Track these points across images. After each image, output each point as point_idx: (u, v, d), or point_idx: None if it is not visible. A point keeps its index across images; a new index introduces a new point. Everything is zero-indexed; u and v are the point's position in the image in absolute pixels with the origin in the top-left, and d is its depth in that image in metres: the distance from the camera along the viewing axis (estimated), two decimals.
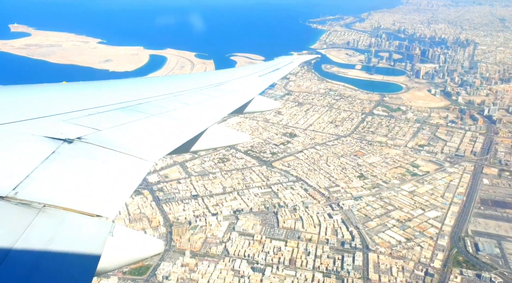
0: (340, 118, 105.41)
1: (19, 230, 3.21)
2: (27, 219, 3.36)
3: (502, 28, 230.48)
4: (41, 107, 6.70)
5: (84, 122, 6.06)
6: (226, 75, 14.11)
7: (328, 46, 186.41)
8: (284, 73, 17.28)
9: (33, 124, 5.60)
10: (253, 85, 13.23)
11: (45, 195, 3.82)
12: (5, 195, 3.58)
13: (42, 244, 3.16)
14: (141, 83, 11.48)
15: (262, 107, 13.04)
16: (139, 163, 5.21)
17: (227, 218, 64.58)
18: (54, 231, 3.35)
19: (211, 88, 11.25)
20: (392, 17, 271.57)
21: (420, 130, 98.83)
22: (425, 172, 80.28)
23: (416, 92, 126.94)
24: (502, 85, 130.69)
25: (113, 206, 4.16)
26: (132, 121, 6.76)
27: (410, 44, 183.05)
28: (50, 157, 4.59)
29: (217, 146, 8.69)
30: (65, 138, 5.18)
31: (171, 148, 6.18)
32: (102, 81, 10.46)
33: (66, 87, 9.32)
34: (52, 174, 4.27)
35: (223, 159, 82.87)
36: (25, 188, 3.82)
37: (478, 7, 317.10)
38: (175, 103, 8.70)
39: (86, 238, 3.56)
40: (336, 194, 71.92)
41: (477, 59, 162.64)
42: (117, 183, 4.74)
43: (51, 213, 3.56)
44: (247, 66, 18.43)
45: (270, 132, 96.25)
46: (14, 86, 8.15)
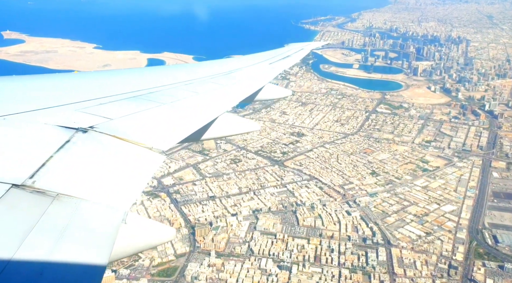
0: (345, 117, 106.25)
1: (35, 217, 3.26)
2: (42, 207, 3.41)
3: (491, 25, 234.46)
4: (53, 96, 6.74)
5: (96, 111, 6.08)
6: (236, 63, 14.02)
7: (323, 47, 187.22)
8: (295, 61, 17.15)
9: (46, 114, 5.61)
10: (264, 73, 13.20)
11: (62, 185, 3.86)
12: (21, 183, 3.63)
13: (57, 231, 3.22)
14: (152, 72, 11.39)
15: (273, 95, 13.02)
16: (152, 152, 5.26)
17: (247, 218, 64.68)
18: (69, 219, 3.41)
19: (222, 77, 11.25)
20: (383, 17, 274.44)
21: (424, 127, 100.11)
22: (435, 167, 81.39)
23: (416, 89, 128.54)
24: (499, 80, 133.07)
25: (129, 196, 4.23)
26: (143, 110, 6.79)
27: (404, 43, 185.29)
28: (65, 146, 4.62)
29: (228, 134, 8.73)
30: (78, 127, 5.20)
31: (182, 136, 6.23)
32: (113, 71, 10.52)
33: (77, 76, 9.33)
34: (68, 164, 4.31)
35: (235, 159, 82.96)
36: (42, 177, 3.85)
37: (464, 5, 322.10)
38: (186, 92, 8.70)
39: (100, 225, 3.61)
40: (351, 191, 72.50)
41: (471, 56, 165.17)
42: (132, 172, 4.81)
43: (66, 201, 3.62)
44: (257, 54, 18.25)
45: (278, 132, 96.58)
46: (26, 76, 8.21)
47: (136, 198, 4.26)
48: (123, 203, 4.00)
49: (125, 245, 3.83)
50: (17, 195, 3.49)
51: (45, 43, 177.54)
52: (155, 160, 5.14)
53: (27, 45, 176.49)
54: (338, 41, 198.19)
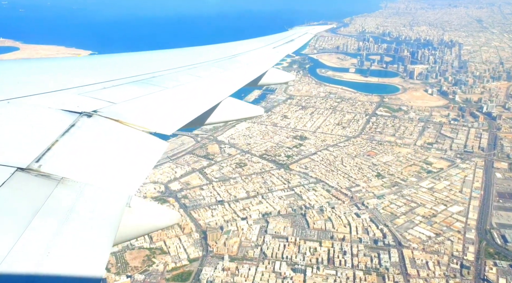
0: (345, 120, 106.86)
1: (40, 200, 3.29)
2: (47, 191, 3.44)
3: (481, 28, 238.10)
4: (56, 80, 6.71)
5: (99, 95, 6.06)
6: (240, 47, 13.96)
7: (318, 51, 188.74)
8: (299, 45, 17.17)
9: (50, 98, 5.61)
10: (267, 57, 13.16)
11: (67, 169, 3.86)
12: (26, 167, 3.62)
13: (62, 214, 3.25)
14: (156, 56, 11.35)
15: (277, 80, 12.90)
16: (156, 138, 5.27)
17: (257, 222, 64.55)
18: (74, 202, 3.44)
19: (225, 61, 11.19)
20: (375, 21, 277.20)
21: (425, 129, 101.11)
22: (439, 168, 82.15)
23: (413, 92, 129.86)
24: (494, 83, 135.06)
25: (133, 180, 4.25)
26: (147, 94, 6.76)
27: (398, 47, 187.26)
28: (70, 130, 4.62)
29: (231, 119, 8.69)
30: (81, 111, 5.19)
31: (186, 120, 6.20)
32: (116, 55, 10.41)
33: (80, 60, 9.36)
34: (73, 148, 4.32)
35: (240, 163, 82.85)
36: (48, 160, 3.84)
37: (454, 9, 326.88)
38: (190, 76, 8.66)
39: (104, 209, 3.64)
40: (358, 193, 72.80)
41: (465, 59, 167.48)
42: (137, 157, 4.83)
43: (70, 185, 3.64)
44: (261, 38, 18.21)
45: (281, 136, 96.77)
46: (29, 60, 8.33)
47: (141, 182, 4.27)
48: (128, 187, 4.03)
49: (129, 228, 3.85)
50: (22, 179, 3.48)
51: (40, 51, 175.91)
52: (159, 144, 5.14)
53: (22, 53, 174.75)
54: (332, 46, 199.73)
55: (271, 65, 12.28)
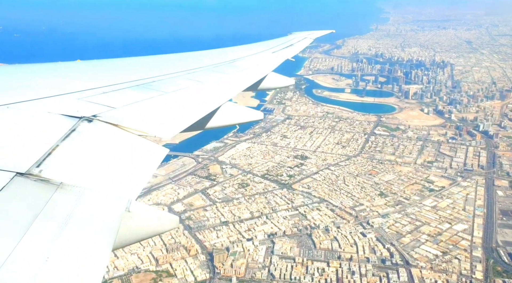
0: (345, 139, 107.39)
1: (39, 205, 3.28)
2: (46, 195, 3.43)
3: (471, 49, 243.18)
4: (56, 85, 6.73)
5: (99, 100, 6.07)
6: (239, 52, 14.00)
7: (313, 72, 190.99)
8: (298, 49, 17.29)
9: (49, 102, 5.62)
10: (267, 62, 13.22)
11: (67, 173, 3.86)
12: (25, 172, 3.61)
13: (61, 218, 3.24)
14: (155, 61, 11.39)
15: (276, 84, 12.93)
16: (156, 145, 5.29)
17: (263, 243, 63.89)
18: (73, 207, 3.43)
19: (225, 65, 11.25)
20: (366, 43, 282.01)
21: (424, 148, 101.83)
22: (441, 187, 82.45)
23: (409, 112, 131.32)
24: (488, 102, 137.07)
25: (133, 184, 4.24)
26: (147, 99, 6.77)
27: (392, 67, 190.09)
28: (71, 135, 4.61)
29: (231, 123, 8.63)
30: (81, 116, 5.18)
31: (186, 124, 6.23)
32: (115, 59, 10.44)
33: (80, 65, 9.38)
34: (74, 153, 4.31)
35: (243, 184, 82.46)
36: (49, 165, 3.83)
37: (443, 31, 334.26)
38: (189, 81, 8.68)
39: (103, 213, 3.63)
40: (362, 212, 72.61)
41: (457, 79, 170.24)
42: (137, 162, 4.83)
43: (70, 190, 3.62)
44: (260, 42, 18.35)
45: (281, 155, 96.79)
46: (28, 65, 8.27)
47: (141, 187, 4.25)
48: (128, 192, 4.02)
49: (129, 232, 3.83)
50: (21, 184, 3.46)
51: None
52: (159, 150, 5.15)
53: None
54: (327, 67, 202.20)
55: (271, 69, 12.36)
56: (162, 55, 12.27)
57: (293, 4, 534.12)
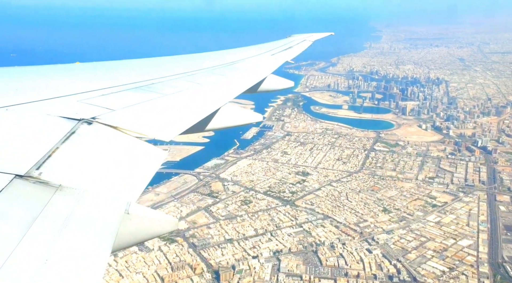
0: (345, 155, 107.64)
1: (38, 208, 3.28)
2: (45, 198, 3.43)
3: (464, 67, 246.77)
4: (55, 87, 6.71)
5: (98, 102, 6.08)
6: (238, 54, 14.05)
7: (310, 89, 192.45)
8: (298, 52, 17.36)
9: (48, 104, 5.61)
10: (266, 64, 13.32)
11: (67, 176, 3.86)
12: (24, 174, 3.61)
13: (60, 220, 3.24)
14: (154, 63, 11.43)
15: (276, 86, 12.94)
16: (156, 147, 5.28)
17: (268, 260, 63.20)
18: (72, 209, 3.43)
19: (224, 68, 11.28)
20: (361, 61, 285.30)
21: (424, 164, 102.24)
22: (443, 202, 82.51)
23: (407, 128, 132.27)
24: (484, 118, 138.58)
25: (132, 186, 4.24)
26: (146, 101, 6.77)
27: (387, 84, 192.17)
28: (70, 137, 4.60)
29: (231, 125, 8.63)
30: (80, 118, 5.18)
31: (185, 126, 6.24)
32: (115, 61, 10.49)
33: (79, 67, 9.41)
34: (73, 155, 4.31)
35: (245, 201, 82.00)
36: (48, 168, 3.83)
37: (436, 49, 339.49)
38: (188, 83, 8.70)
39: (102, 216, 3.63)
40: (367, 228, 72.31)
41: (453, 96, 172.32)
42: (136, 164, 4.84)
43: (69, 192, 3.62)
44: (259, 45, 18.47)
45: (283, 172, 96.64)
46: (27, 67, 8.31)
47: (141, 189, 4.24)
48: (127, 194, 4.02)
49: (128, 234, 3.84)
50: (20, 186, 3.46)
51: None
52: (159, 153, 5.15)
53: None
54: (323, 84, 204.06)
55: (270, 71, 12.41)
56: (161, 58, 12.27)
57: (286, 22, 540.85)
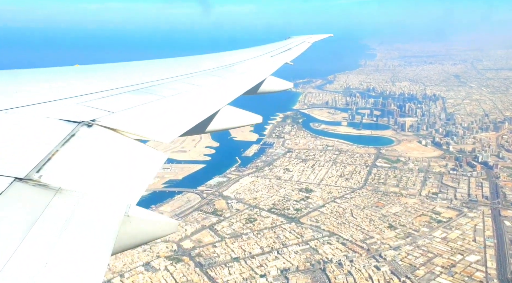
0: (347, 171, 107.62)
1: (38, 210, 3.26)
2: (45, 200, 3.41)
3: (460, 83, 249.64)
4: (54, 90, 6.71)
5: (97, 104, 6.07)
6: (237, 56, 14.07)
7: (308, 106, 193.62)
8: (296, 53, 17.40)
9: (48, 107, 5.60)
10: (265, 66, 13.41)
11: (67, 179, 3.84)
12: (23, 177, 3.60)
13: (60, 223, 3.23)
14: (153, 65, 11.43)
15: (275, 88, 13.03)
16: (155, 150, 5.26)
17: (276, 279, 62.55)
18: (72, 212, 3.42)
19: (223, 69, 11.27)
20: (357, 78, 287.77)
21: (427, 179, 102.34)
22: (448, 218, 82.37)
23: (407, 144, 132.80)
24: (483, 133, 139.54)
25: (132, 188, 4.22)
26: (145, 103, 6.76)
27: (385, 101, 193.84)
28: (70, 140, 4.58)
29: (231, 126, 8.64)
30: (80, 121, 5.17)
31: (184, 129, 6.23)
32: (114, 64, 10.52)
33: (79, 70, 9.44)
34: (73, 158, 4.29)
35: (250, 219, 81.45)
36: (48, 171, 3.81)
37: (430, 66, 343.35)
38: (187, 85, 8.68)
39: (102, 218, 3.62)
40: (374, 245, 71.86)
41: (450, 112, 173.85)
42: (136, 166, 4.82)
43: (69, 195, 3.61)
44: (258, 47, 18.60)
45: (286, 189, 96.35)
46: (26, 70, 8.31)
47: (141, 191, 4.23)
48: (127, 197, 4.01)
49: (128, 237, 3.84)
50: (20, 189, 3.45)
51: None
52: (158, 155, 5.14)
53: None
54: (321, 101, 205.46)
55: (269, 73, 12.45)
56: (160, 60, 12.28)
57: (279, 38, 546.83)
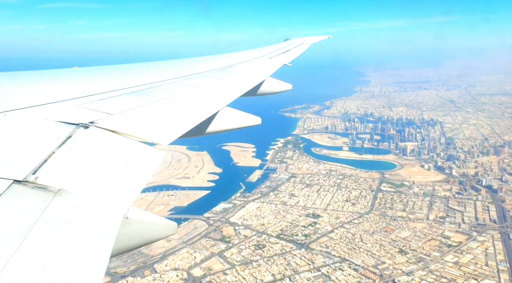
0: (353, 196, 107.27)
1: (37, 212, 3.24)
2: (44, 203, 3.39)
3: (456, 108, 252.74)
4: (53, 92, 6.69)
5: (96, 106, 6.05)
6: (235, 58, 14.08)
7: (308, 132, 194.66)
8: (295, 55, 17.43)
9: (46, 109, 5.59)
10: (264, 67, 13.44)
11: (64, 180, 3.82)
12: (22, 179, 3.58)
13: (59, 225, 3.21)
14: (152, 67, 11.38)
15: (275, 89, 13.07)
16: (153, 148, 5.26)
17: None
18: (71, 214, 3.39)
19: (222, 71, 11.27)
20: (354, 104, 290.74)
21: (433, 203, 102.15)
22: (458, 242, 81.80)
23: (410, 168, 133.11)
24: (484, 157, 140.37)
25: (130, 191, 4.20)
26: (143, 105, 6.75)
27: (384, 126, 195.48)
28: (67, 141, 4.58)
29: (229, 128, 8.59)
30: (78, 123, 5.16)
31: (183, 130, 6.20)
32: (112, 66, 10.55)
33: (77, 72, 9.41)
34: (70, 159, 4.27)
35: (259, 245, 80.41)
36: (44, 172, 3.79)
37: (424, 91, 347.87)
38: (186, 87, 8.71)
39: (101, 220, 3.58)
40: (386, 271, 70.96)
41: (449, 136, 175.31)
42: (134, 167, 4.79)
43: (67, 196, 3.58)
44: (257, 49, 18.71)
45: (293, 214, 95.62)
46: (25, 72, 8.34)
47: (137, 192, 4.20)
48: (125, 198, 4.00)
49: (127, 239, 3.83)
50: (18, 191, 3.44)
51: None
52: (156, 155, 5.12)
53: None
54: (321, 127, 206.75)
55: (268, 75, 12.52)
56: (159, 62, 12.31)
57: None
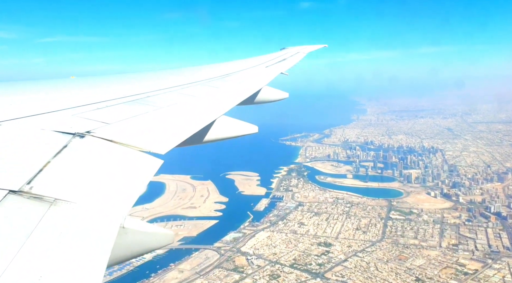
0: (363, 224, 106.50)
1: (33, 223, 3.20)
2: (39, 213, 3.35)
3: (454, 136, 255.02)
4: (50, 102, 6.68)
5: (93, 116, 6.05)
6: (232, 67, 14.16)
7: (311, 160, 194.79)
8: (291, 64, 17.56)
9: (43, 119, 5.58)
10: (260, 76, 13.52)
11: (59, 190, 3.78)
12: (18, 189, 3.54)
13: (55, 236, 3.18)
14: (149, 77, 11.37)
15: (271, 97, 13.19)
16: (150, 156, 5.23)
17: None
18: (67, 224, 3.35)
19: (218, 80, 11.32)
20: (353, 132, 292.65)
21: (444, 231, 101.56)
22: (474, 270, 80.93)
23: (417, 196, 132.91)
24: (488, 184, 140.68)
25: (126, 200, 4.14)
26: (140, 114, 6.76)
27: (386, 153, 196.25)
28: (62, 151, 4.55)
29: (227, 136, 8.58)
30: (75, 132, 5.14)
31: (180, 139, 6.16)
32: (109, 76, 10.58)
33: (74, 81, 9.46)
34: (66, 169, 4.24)
35: (273, 275, 79.07)
36: (39, 182, 3.76)
37: (421, 120, 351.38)
38: (183, 96, 8.73)
39: (98, 230, 3.54)
40: None
41: (451, 163, 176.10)
42: (130, 176, 4.75)
43: (63, 206, 3.54)
44: (253, 57, 18.88)
45: (304, 243, 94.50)
46: (22, 82, 8.37)
47: (133, 201, 4.15)
48: (121, 208, 3.97)
49: (123, 249, 3.83)
50: (14, 201, 3.42)
51: None
52: (152, 163, 5.09)
53: None
54: (323, 155, 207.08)
55: (265, 83, 12.61)
56: (156, 72, 12.38)
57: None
